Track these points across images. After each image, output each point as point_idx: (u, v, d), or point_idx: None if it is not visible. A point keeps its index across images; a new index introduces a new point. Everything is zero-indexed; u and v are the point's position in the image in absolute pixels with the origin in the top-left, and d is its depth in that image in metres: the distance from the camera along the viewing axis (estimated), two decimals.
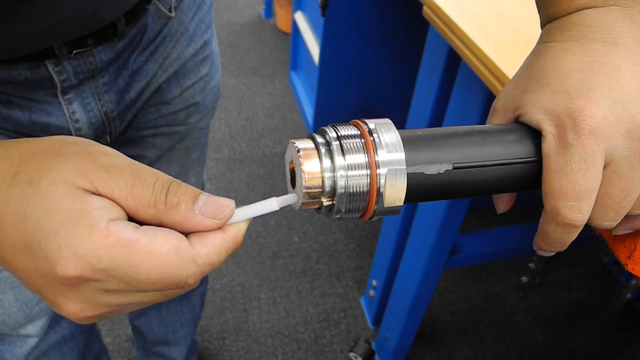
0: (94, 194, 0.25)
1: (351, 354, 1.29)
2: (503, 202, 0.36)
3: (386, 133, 0.28)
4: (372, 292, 1.33)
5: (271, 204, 0.28)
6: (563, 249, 0.32)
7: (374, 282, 1.30)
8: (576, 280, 1.54)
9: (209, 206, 0.26)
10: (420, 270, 1.01)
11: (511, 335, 1.39)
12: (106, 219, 0.25)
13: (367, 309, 1.40)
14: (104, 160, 0.26)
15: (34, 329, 0.63)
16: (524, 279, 0.73)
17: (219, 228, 0.27)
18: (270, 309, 1.40)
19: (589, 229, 0.32)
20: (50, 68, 0.46)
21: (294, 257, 1.53)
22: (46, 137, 0.27)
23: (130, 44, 0.52)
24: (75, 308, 0.26)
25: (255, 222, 1.61)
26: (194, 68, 0.64)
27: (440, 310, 1.43)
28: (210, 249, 0.26)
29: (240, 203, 0.27)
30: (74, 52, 0.46)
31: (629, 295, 1.51)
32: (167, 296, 0.28)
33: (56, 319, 0.66)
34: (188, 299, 1.01)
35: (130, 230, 0.25)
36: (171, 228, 0.26)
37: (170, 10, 0.55)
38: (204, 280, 1.04)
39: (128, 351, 1.28)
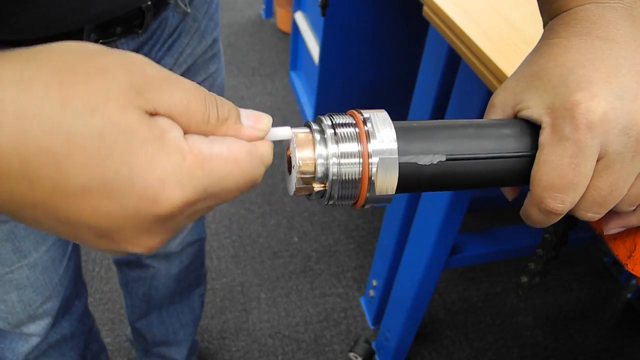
0: (152, 114, 0.23)
1: (351, 354, 1.28)
2: (510, 190, 0.36)
3: (380, 123, 0.29)
4: (372, 292, 1.33)
5: (287, 131, 0.29)
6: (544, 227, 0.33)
7: (374, 282, 1.30)
8: (576, 280, 1.54)
9: (252, 118, 0.27)
10: (420, 270, 1.01)
11: (511, 335, 1.39)
12: (183, 139, 0.24)
13: (367, 309, 1.40)
14: (152, 72, 0.23)
15: (37, 328, 0.63)
16: (524, 279, 0.73)
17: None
18: (270, 309, 1.40)
19: (589, 229, 0.33)
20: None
21: (294, 257, 1.53)
22: (64, 46, 0.22)
23: (151, 38, 0.54)
24: (155, 242, 0.24)
25: (255, 222, 1.61)
26: (204, 65, 0.65)
27: (440, 310, 1.43)
28: (267, 150, 0.27)
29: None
30: (100, 41, 0.47)
31: (629, 295, 1.51)
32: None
33: (57, 319, 0.66)
34: (188, 300, 1.01)
35: (207, 144, 0.24)
36: None
37: (186, 6, 0.56)
38: (203, 281, 1.04)
39: (128, 351, 1.28)
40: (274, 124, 0.28)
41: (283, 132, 0.29)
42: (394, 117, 0.30)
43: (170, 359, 1.09)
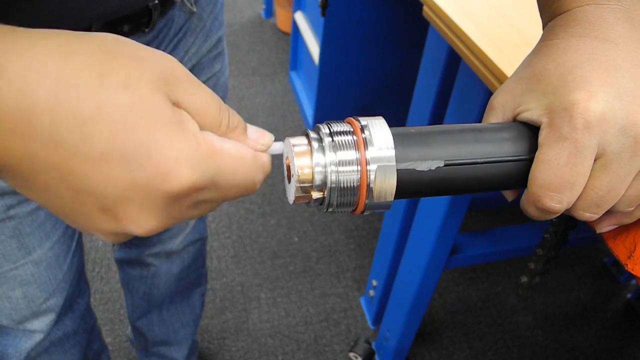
0: (175, 105, 0.25)
1: (351, 354, 1.29)
2: (510, 192, 0.36)
3: (378, 130, 0.29)
4: (372, 292, 1.33)
5: (282, 146, 0.30)
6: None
7: (374, 282, 1.31)
8: (576, 280, 1.54)
9: (256, 133, 0.29)
10: (420, 270, 1.01)
11: (511, 335, 1.39)
12: (199, 131, 0.26)
13: (367, 309, 1.40)
14: (180, 70, 0.26)
15: (40, 324, 0.63)
16: (524, 278, 0.73)
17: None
18: (270, 309, 1.40)
19: (589, 229, 0.33)
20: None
21: (294, 257, 1.53)
22: (106, 34, 0.25)
23: (158, 36, 0.55)
24: (154, 224, 0.25)
25: (256, 222, 1.61)
26: (209, 64, 0.66)
27: (440, 310, 1.43)
28: (268, 160, 0.29)
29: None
30: None
31: (629, 295, 1.51)
32: (219, 202, 0.29)
33: (61, 316, 0.66)
34: (188, 300, 1.01)
35: (219, 140, 0.26)
36: None
37: (192, 6, 0.56)
38: (204, 280, 1.04)
39: (128, 351, 1.28)
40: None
41: (279, 147, 0.30)
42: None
43: (170, 358, 1.09)
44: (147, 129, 0.23)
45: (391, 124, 0.30)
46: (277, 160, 0.31)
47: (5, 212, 0.52)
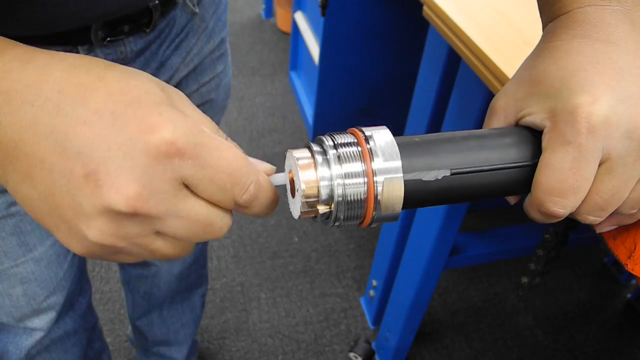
0: None
1: (351, 354, 1.29)
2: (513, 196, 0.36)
3: (383, 140, 0.28)
4: (372, 292, 1.33)
5: (283, 176, 0.30)
6: None
7: (374, 282, 1.31)
8: (576, 280, 1.54)
9: (255, 160, 0.30)
10: (420, 270, 1.01)
11: (511, 335, 1.39)
12: None
13: (367, 309, 1.40)
14: (178, 91, 0.29)
15: (40, 322, 0.64)
16: (524, 279, 0.73)
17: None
18: (270, 309, 1.40)
19: (589, 229, 0.33)
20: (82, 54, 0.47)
21: (294, 257, 1.53)
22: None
23: (159, 36, 0.54)
24: (133, 188, 0.24)
25: (255, 222, 1.61)
26: (211, 64, 0.66)
27: (440, 310, 1.43)
28: (266, 178, 0.28)
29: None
30: (108, 39, 0.47)
31: (629, 295, 1.51)
32: (212, 224, 0.27)
33: (61, 314, 0.66)
34: (189, 300, 1.01)
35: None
36: None
37: (195, 6, 0.56)
38: (205, 281, 1.04)
39: (128, 351, 1.28)
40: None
41: (281, 178, 0.29)
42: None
43: (170, 358, 1.09)
44: (139, 97, 0.25)
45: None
46: (278, 160, 0.31)
47: (6, 209, 0.52)
